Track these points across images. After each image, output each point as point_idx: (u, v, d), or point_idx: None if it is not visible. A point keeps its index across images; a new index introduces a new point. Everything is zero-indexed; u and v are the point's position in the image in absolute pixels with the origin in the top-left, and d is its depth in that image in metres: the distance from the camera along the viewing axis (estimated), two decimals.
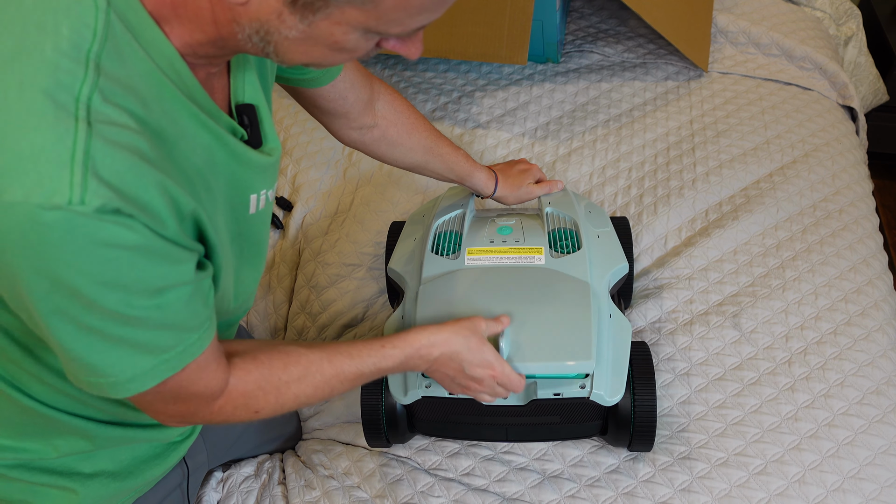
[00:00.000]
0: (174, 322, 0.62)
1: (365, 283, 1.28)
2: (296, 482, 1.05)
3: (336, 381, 0.79)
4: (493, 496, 1.00)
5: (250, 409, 0.74)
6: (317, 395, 0.78)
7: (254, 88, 0.72)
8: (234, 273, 0.76)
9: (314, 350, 0.79)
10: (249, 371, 0.74)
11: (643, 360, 0.98)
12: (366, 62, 1.74)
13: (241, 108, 0.71)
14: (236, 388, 0.73)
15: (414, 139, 1.05)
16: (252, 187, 0.72)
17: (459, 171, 1.09)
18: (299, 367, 0.76)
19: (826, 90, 1.65)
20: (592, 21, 1.82)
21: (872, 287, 1.23)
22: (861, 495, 0.98)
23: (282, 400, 0.76)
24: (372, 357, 0.81)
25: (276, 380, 0.75)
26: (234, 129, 0.68)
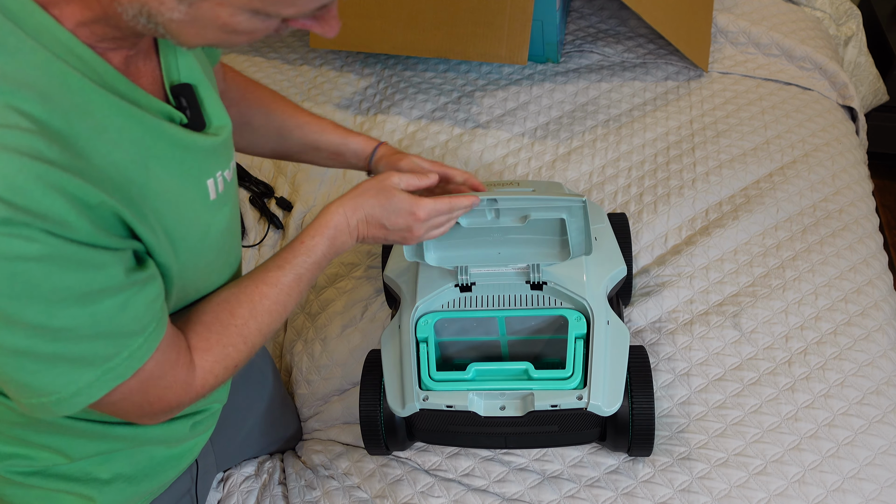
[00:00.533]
0: (111, 329, 0.59)
1: (363, 283, 1.28)
2: (296, 482, 1.05)
3: (283, 295, 0.77)
4: (492, 496, 1.00)
5: (228, 368, 0.73)
6: (274, 317, 0.77)
7: (189, 67, 0.68)
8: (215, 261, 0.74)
9: (246, 282, 0.77)
10: (207, 339, 0.72)
11: (641, 365, 0.98)
12: (366, 62, 1.74)
13: (176, 90, 0.67)
14: (205, 361, 0.71)
15: (258, 112, 0.97)
16: (205, 172, 0.68)
17: (327, 140, 0.99)
18: (244, 306, 0.75)
19: (826, 90, 1.65)
20: (592, 21, 1.82)
21: (872, 287, 1.23)
22: (861, 495, 0.98)
23: (249, 341, 0.75)
24: (300, 256, 0.79)
25: (234, 330, 0.74)
26: (170, 114, 0.64)
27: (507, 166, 1.47)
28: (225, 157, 0.71)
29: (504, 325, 1.02)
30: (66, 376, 0.59)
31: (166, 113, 0.64)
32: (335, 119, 1.59)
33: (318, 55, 1.77)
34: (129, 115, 0.60)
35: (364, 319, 1.24)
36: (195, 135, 0.66)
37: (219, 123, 0.70)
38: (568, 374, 0.94)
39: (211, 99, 0.70)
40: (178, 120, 0.65)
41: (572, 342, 0.96)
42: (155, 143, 0.62)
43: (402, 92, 1.65)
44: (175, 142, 0.64)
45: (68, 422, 0.74)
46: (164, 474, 0.87)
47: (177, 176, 0.65)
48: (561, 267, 1.01)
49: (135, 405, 0.66)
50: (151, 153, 0.62)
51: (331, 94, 1.66)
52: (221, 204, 0.72)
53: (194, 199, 0.68)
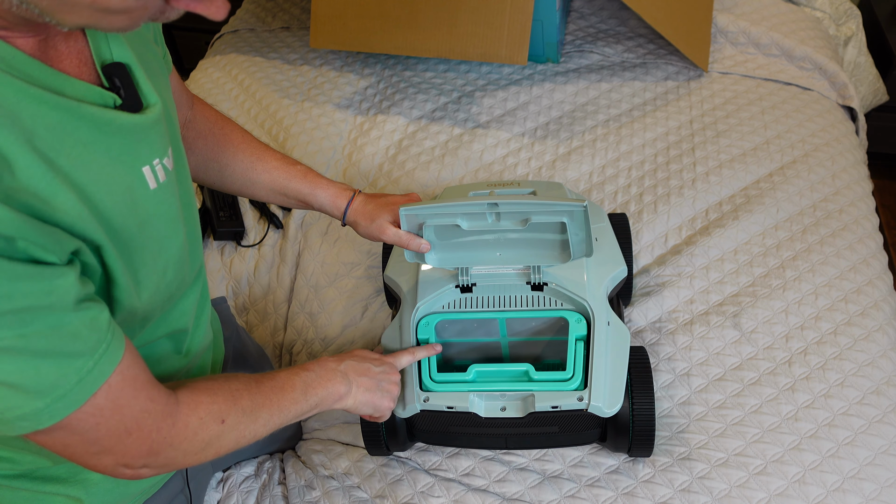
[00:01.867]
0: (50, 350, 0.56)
1: (363, 283, 1.28)
2: (296, 482, 1.05)
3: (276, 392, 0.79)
4: (493, 496, 1.00)
5: (215, 417, 0.72)
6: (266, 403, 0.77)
7: (120, 45, 0.64)
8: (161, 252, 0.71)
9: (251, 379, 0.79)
10: (195, 384, 0.72)
11: (641, 365, 0.98)
12: (366, 62, 1.74)
13: (108, 70, 0.63)
14: (191, 398, 0.70)
15: (225, 151, 0.95)
16: (139, 159, 0.65)
17: (295, 189, 0.97)
18: (238, 379, 0.76)
19: (826, 90, 1.65)
20: (592, 21, 1.82)
21: (872, 287, 1.23)
22: (861, 495, 0.98)
23: (240, 404, 0.74)
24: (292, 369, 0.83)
25: (227, 388, 0.74)
26: (100, 96, 0.61)
27: (507, 166, 1.47)
28: (159, 143, 0.67)
29: (505, 327, 1.02)
30: (7, 401, 0.55)
31: (94, 95, 0.60)
32: (334, 119, 1.59)
33: (318, 55, 1.77)
34: (42, 100, 0.56)
35: (364, 319, 1.24)
36: (124, 115, 0.62)
37: (153, 101, 0.66)
38: (568, 376, 0.94)
39: (146, 79, 0.66)
40: (111, 102, 0.62)
41: (573, 344, 0.96)
42: (76, 128, 0.58)
43: (402, 92, 1.65)
44: (99, 125, 0.60)
45: None
46: None
47: (106, 163, 0.61)
48: (561, 268, 1.01)
49: (111, 431, 0.63)
50: (74, 139, 0.58)
51: (331, 94, 1.66)
52: (166, 194, 0.69)
53: (130, 186, 0.64)
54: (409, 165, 1.48)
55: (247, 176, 0.96)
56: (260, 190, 0.97)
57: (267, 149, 0.98)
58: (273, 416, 0.78)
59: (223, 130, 0.96)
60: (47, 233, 0.55)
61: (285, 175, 0.97)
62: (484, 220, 0.94)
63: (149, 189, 0.66)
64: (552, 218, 0.92)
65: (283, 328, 1.27)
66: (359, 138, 1.55)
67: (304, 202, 0.98)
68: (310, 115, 1.61)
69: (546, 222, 0.93)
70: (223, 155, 0.95)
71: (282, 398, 0.79)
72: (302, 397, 0.81)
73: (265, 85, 1.70)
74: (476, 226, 0.94)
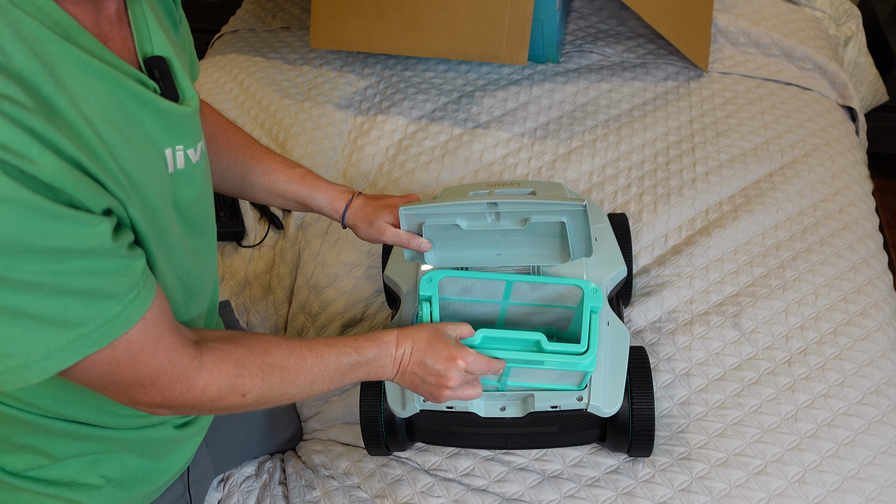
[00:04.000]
0: (81, 290, 0.57)
1: (363, 283, 1.28)
2: (296, 482, 1.05)
3: (318, 368, 0.78)
4: (493, 496, 1.00)
5: (237, 390, 0.72)
6: (299, 380, 0.77)
7: (161, 40, 0.67)
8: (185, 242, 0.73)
9: (292, 339, 0.78)
10: (228, 351, 0.72)
11: (641, 365, 0.98)
12: (366, 62, 1.74)
13: (149, 62, 0.66)
14: (216, 366, 0.70)
15: (227, 153, 0.96)
16: (164, 140, 0.67)
17: (293, 191, 0.97)
18: (280, 351, 0.75)
19: (826, 90, 1.65)
20: (592, 21, 1.82)
21: (872, 287, 1.23)
22: (861, 495, 0.98)
23: (268, 382, 0.74)
24: (349, 347, 0.81)
25: (259, 361, 0.73)
26: (142, 80, 0.63)
27: (507, 166, 1.47)
28: (190, 132, 0.70)
29: (510, 290, 0.99)
30: (34, 335, 0.56)
31: (138, 78, 0.63)
32: (334, 119, 1.59)
33: (318, 55, 1.77)
34: (94, 69, 0.58)
35: (364, 319, 1.24)
36: (166, 101, 0.65)
37: (190, 96, 0.69)
38: (583, 349, 0.90)
39: (183, 75, 0.69)
40: (151, 88, 0.65)
41: (586, 316, 0.91)
42: (123, 101, 0.61)
43: (402, 92, 1.65)
44: (142, 101, 0.63)
45: (47, 421, 0.73)
46: (156, 479, 0.86)
47: (144, 139, 0.64)
48: (561, 268, 1.01)
49: (124, 381, 0.64)
50: (120, 112, 0.60)
51: (331, 94, 1.66)
52: (182, 182, 0.70)
53: (153, 162, 0.66)
54: (409, 165, 1.48)
55: (246, 178, 0.97)
56: (259, 192, 0.98)
57: (267, 152, 0.98)
58: (302, 393, 0.78)
59: (226, 134, 0.96)
60: (87, 185, 0.56)
61: (284, 178, 0.97)
62: (483, 220, 0.94)
63: (166, 171, 0.68)
64: (552, 218, 0.91)
65: (284, 328, 1.27)
66: (359, 138, 1.55)
67: (304, 205, 0.99)
68: (310, 115, 1.61)
69: (546, 222, 0.93)
70: (223, 157, 0.96)
71: (320, 377, 0.79)
72: (341, 379, 0.81)
73: (265, 85, 1.70)
74: (475, 225, 0.94)
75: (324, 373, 0.79)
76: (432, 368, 0.84)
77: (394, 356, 0.85)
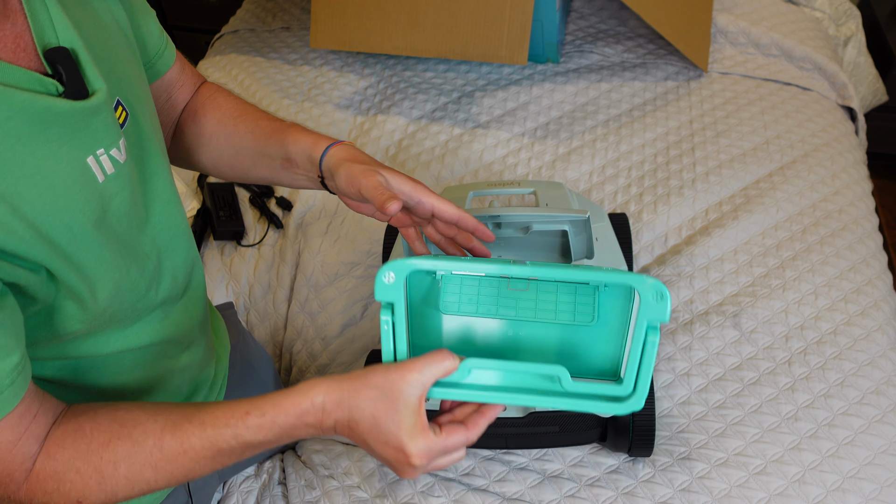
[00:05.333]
0: None
1: (363, 282, 1.28)
2: (296, 482, 1.05)
3: (184, 458, 0.61)
4: (493, 496, 1.00)
5: (68, 497, 0.60)
6: (160, 476, 0.62)
7: (66, 27, 0.60)
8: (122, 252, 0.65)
9: (158, 416, 0.62)
10: (62, 445, 0.60)
11: None
12: (366, 62, 1.74)
13: (50, 55, 0.58)
14: (44, 467, 0.60)
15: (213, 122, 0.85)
16: (82, 149, 0.59)
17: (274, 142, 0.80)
18: (129, 443, 0.60)
19: (825, 90, 1.65)
20: (592, 21, 1.82)
21: (872, 287, 1.23)
22: (861, 495, 0.98)
23: (109, 486, 0.60)
24: (230, 427, 0.61)
25: (97, 459, 0.60)
26: (38, 82, 0.56)
27: (507, 166, 1.47)
28: (105, 133, 0.61)
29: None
30: None
31: (31, 81, 0.55)
32: (334, 119, 1.59)
33: (318, 55, 1.77)
34: None
35: (364, 319, 1.24)
36: (62, 102, 0.57)
37: (98, 87, 0.60)
38: (626, 392, 0.65)
39: (91, 65, 0.61)
40: (52, 89, 0.57)
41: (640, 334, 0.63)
42: (6, 119, 0.53)
43: (402, 92, 1.65)
44: (34, 114, 0.55)
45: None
46: None
47: (45, 156, 0.56)
48: None
49: None
50: (3, 132, 0.53)
51: (331, 94, 1.66)
52: (118, 187, 0.63)
53: (76, 181, 0.58)
54: (409, 165, 1.48)
55: (230, 143, 0.83)
56: (244, 155, 0.83)
57: (259, 114, 0.83)
58: (171, 484, 0.64)
59: (214, 103, 0.85)
60: None
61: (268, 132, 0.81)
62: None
63: (97, 182, 0.61)
64: (554, 227, 0.91)
65: (283, 328, 1.27)
66: (359, 138, 1.55)
67: (285, 158, 0.81)
68: (310, 115, 1.61)
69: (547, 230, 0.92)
70: (208, 126, 0.85)
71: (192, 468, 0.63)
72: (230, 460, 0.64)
73: (265, 85, 1.70)
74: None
75: (198, 459, 0.62)
76: (379, 455, 0.63)
77: (317, 427, 0.63)
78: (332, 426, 0.63)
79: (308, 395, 0.62)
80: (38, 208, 0.56)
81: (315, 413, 0.62)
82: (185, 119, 0.88)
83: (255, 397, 0.63)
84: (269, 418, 0.62)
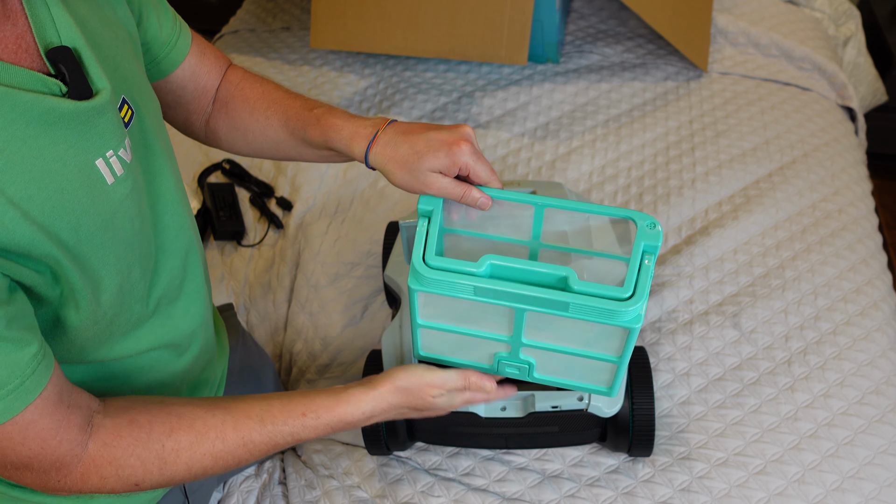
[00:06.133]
0: None
1: (363, 282, 1.28)
2: (296, 482, 1.05)
3: (243, 450, 0.67)
4: (493, 496, 1.00)
5: (127, 481, 0.64)
6: (218, 465, 0.67)
7: (68, 26, 0.59)
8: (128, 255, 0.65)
9: (216, 411, 0.67)
10: (120, 434, 0.63)
11: (641, 366, 0.98)
12: (366, 62, 1.74)
13: (53, 54, 0.57)
14: (101, 454, 0.62)
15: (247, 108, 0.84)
16: (90, 151, 0.59)
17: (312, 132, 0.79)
18: (191, 434, 0.65)
19: (825, 90, 1.65)
20: (592, 21, 1.82)
21: (872, 287, 1.23)
22: (860, 495, 0.98)
23: (169, 472, 0.64)
24: (289, 426, 0.69)
25: (159, 447, 0.64)
26: (42, 83, 0.55)
27: (507, 166, 1.47)
28: (111, 133, 0.61)
29: (540, 221, 0.79)
30: None
31: (35, 82, 0.55)
32: None
33: (318, 55, 1.77)
34: None
35: (364, 319, 1.24)
36: (67, 102, 0.56)
37: (102, 86, 0.60)
38: (627, 293, 0.69)
39: (94, 63, 0.60)
40: (56, 89, 0.56)
41: (637, 255, 0.71)
42: (11, 121, 0.53)
43: (402, 92, 1.65)
44: (38, 115, 0.54)
45: None
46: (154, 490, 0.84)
47: (52, 159, 0.56)
48: None
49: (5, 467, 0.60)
50: (8, 134, 0.53)
51: (331, 94, 1.66)
52: (127, 189, 0.63)
53: (84, 183, 0.58)
54: None
55: (266, 135, 0.83)
56: (282, 139, 0.83)
57: (284, 97, 0.83)
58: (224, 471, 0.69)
59: (241, 91, 0.85)
60: None
61: (301, 123, 0.80)
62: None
63: (106, 184, 0.61)
64: None
65: (283, 328, 1.27)
66: None
67: (329, 147, 0.79)
68: None
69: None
70: (240, 119, 0.85)
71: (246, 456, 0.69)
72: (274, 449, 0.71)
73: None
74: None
75: (255, 452, 0.68)
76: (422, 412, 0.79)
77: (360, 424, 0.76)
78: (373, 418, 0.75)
79: (359, 406, 0.74)
80: (47, 211, 0.56)
81: (361, 419, 0.74)
82: (216, 112, 0.87)
83: (309, 396, 0.72)
84: (324, 422, 0.71)
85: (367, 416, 0.74)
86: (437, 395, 0.77)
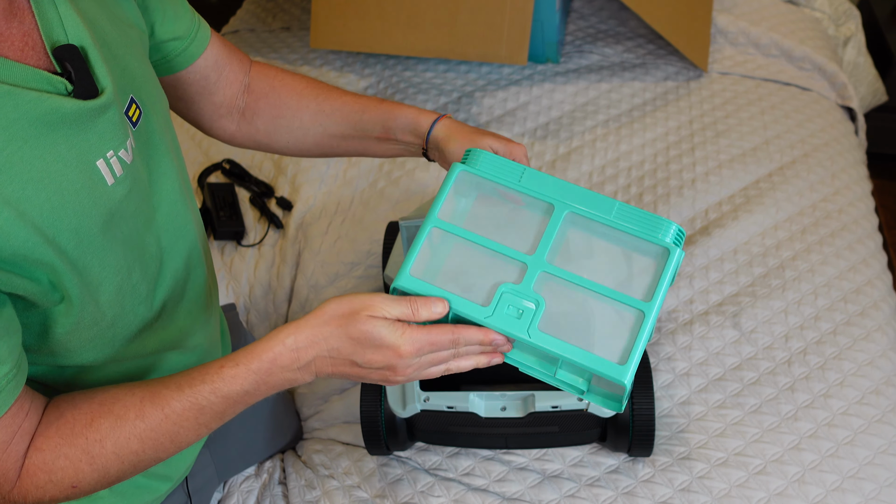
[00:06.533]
0: None
1: (363, 282, 1.28)
2: (296, 482, 1.05)
3: (168, 423, 0.61)
4: (493, 496, 1.00)
5: (62, 485, 0.60)
6: (147, 445, 0.62)
7: (75, 25, 0.58)
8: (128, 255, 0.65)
9: (136, 390, 0.62)
10: (47, 435, 0.60)
11: (641, 366, 0.98)
12: (366, 62, 1.74)
13: (59, 52, 0.57)
14: (32, 461, 0.59)
15: (292, 101, 0.85)
16: (91, 152, 0.58)
17: (370, 119, 0.82)
18: (111, 418, 0.61)
19: (825, 90, 1.65)
20: (592, 21, 1.82)
21: (872, 287, 1.23)
22: (860, 495, 0.98)
23: (99, 464, 0.60)
24: (207, 383, 0.62)
25: (83, 441, 0.60)
26: (47, 81, 0.55)
27: None
28: (112, 133, 0.60)
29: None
30: None
31: (40, 80, 0.54)
32: None
33: (318, 55, 1.77)
34: None
35: None
36: (70, 101, 0.56)
37: (106, 85, 0.59)
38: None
39: (100, 62, 0.59)
40: (61, 88, 0.56)
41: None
42: (12, 122, 0.52)
43: (402, 92, 1.65)
44: (40, 115, 0.54)
45: None
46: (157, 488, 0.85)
47: (53, 160, 0.55)
48: None
49: None
50: (9, 134, 0.52)
51: None
52: (126, 190, 0.62)
53: (84, 184, 0.58)
54: (410, 165, 1.48)
55: (316, 121, 0.84)
56: (334, 132, 0.85)
57: (336, 89, 0.87)
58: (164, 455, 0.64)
59: (284, 81, 0.86)
60: None
61: (359, 107, 0.83)
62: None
63: (106, 185, 0.60)
64: None
65: None
66: None
67: (384, 130, 0.82)
68: None
69: None
70: (287, 107, 0.85)
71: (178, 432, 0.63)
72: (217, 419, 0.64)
73: None
74: None
75: (181, 422, 0.62)
76: (369, 366, 0.64)
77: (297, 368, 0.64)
78: (311, 363, 0.64)
79: (278, 338, 0.63)
80: (46, 213, 0.55)
81: (288, 354, 0.63)
82: (254, 103, 0.87)
83: (230, 354, 0.65)
84: (244, 367, 0.63)
85: (292, 349, 0.62)
86: (383, 327, 0.62)
